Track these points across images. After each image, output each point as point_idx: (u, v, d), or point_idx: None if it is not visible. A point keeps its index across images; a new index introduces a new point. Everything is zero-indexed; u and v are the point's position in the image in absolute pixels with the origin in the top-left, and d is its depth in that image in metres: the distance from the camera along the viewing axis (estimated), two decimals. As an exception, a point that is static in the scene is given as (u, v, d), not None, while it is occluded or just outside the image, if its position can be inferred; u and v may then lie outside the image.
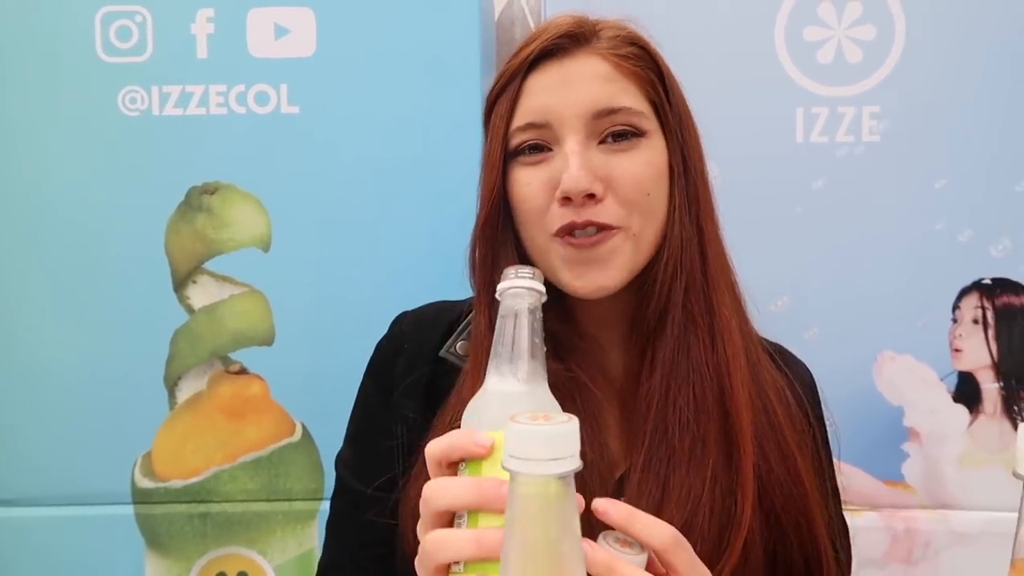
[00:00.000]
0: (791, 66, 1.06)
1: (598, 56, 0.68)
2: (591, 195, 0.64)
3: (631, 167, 0.66)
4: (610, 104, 0.66)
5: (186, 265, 1.09)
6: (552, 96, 0.67)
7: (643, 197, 0.67)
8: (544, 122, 0.67)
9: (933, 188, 1.05)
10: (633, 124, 0.67)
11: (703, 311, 0.68)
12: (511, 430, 0.39)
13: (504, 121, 0.68)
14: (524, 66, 0.68)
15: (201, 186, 1.09)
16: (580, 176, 0.64)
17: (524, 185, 0.68)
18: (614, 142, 0.67)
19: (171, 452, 1.11)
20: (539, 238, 0.68)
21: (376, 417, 0.76)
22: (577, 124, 0.66)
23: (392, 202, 1.09)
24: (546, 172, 0.67)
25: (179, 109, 1.08)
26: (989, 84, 1.04)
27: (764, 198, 1.06)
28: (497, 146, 0.69)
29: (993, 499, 1.06)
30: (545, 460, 0.38)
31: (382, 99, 1.08)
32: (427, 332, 0.76)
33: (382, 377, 0.77)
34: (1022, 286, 1.05)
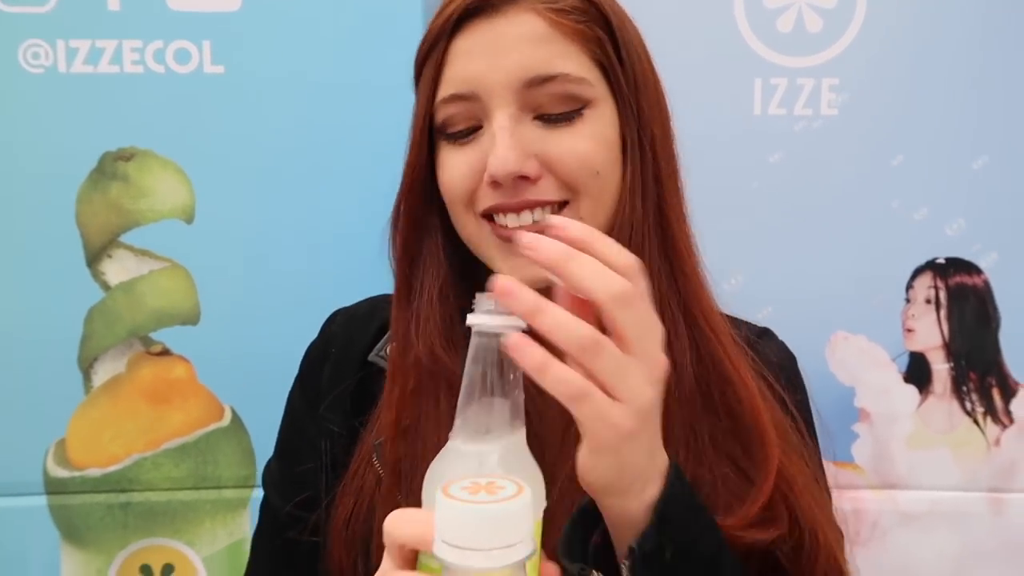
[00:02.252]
0: (750, 34, 1.01)
1: (532, 12, 0.59)
2: (523, 176, 0.57)
3: (573, 143, 0.59)
4: (544, 70, 0.58)
5: (100, 238, 1.00)
6: (478, 62, 0.58)
7: (590, 177, 0.59)
8: (470, 93, 0.59)
9: (890, 165, 1.02)
10: (573, 93, 0.59)
11: (669, 297, 0.61)
12: (444, 507, 0.31)
13: (429, 90, 0.60)
14: (448, 26, 0.59)
15: (115, 152, 1.00)
16: (508, 157, 0.56)
17: (449, 168, 0.61)
18: (552, 116, 0.59)
19: (87, 439, 1.03)
20: (470, 224, 0.61)
21: (302, 430, 0.71)
22: (506, 95, 0.58)
23: (325, 170, 1.01)
24: (474, 153, 0.59)
25: (89, 66, 0.98)
26: (950, 59, 1.01)
27: (720, 172, 1.02)
28: (420, 120, 0.61)
29: (939, 479, 1.05)
30: (488, 550, 0.30)
31: (314, 58, 1.00)
32: (356, 334, 0.70)
33: (309, 385, 0.71)
34: (975, 266, 1.03)
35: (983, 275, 1.03)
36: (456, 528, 0.31)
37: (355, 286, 1.00)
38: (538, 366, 0.42)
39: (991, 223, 1.02)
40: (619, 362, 0.44)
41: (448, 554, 0.31)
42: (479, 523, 0.30)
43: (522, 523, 0.31)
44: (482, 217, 0.61)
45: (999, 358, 1.04)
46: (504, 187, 0.58)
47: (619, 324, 0.44)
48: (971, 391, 1.05)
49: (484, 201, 0.60)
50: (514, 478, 0.34)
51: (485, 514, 0.31)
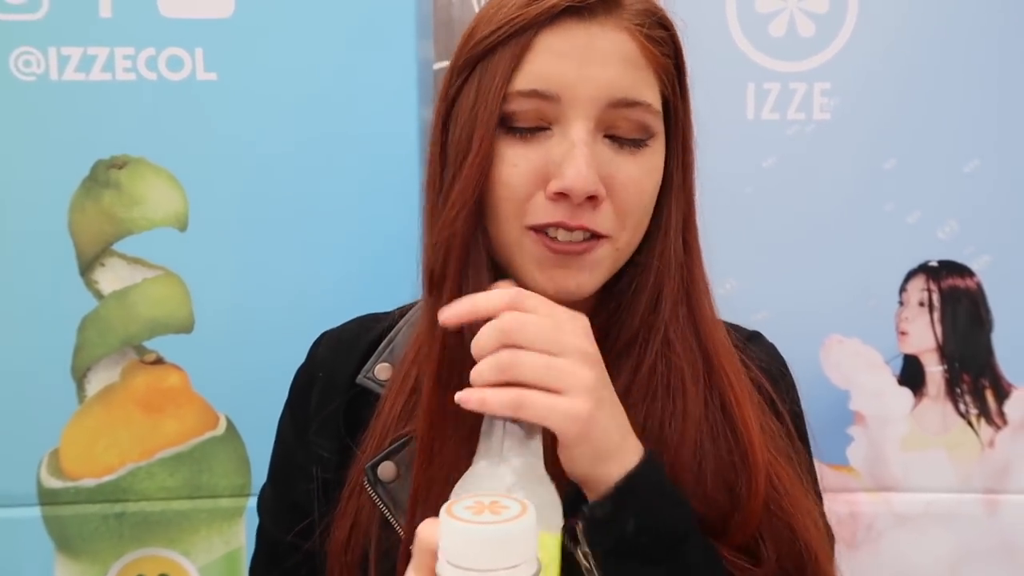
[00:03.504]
0: (742, 39, 1.01)
1: (626, 32, 0.57)
2: (592, 197, 0.56)
3: (636, 173, 0.58)
4: (631, 95, 0.57)
5: (93, 247, 1.00)
6: (569, 66, 0.56)
7: (640, 209, 0.59)
8: (555, 94, 0.56)
9: (883, 168, 1.02)
10: (647, 123, 0.58)
11: (687, 325, 0.62)
12: (448, 527, 0.31)
13: (504, 78, 0.56)
14: (542, 18, 0.56)
15: (108, 160, 0.99)
16: (588, 175, 0.55)
17: (510, 166, 0.57)
18: (626, 138, 0.58)
19: (81, 449, 1.02)
20: (512, 231, 0.58)
21: (292, 457, 0.70)
22: (591, 108, 0.56)
23: (319, 177, 1.01)
24: (538, 155, 0.57)
25: (81, 74, 0.98)
26: (941, 63, 1.01)
27: (713, 177, 1.01)
28: (491, 108, 0.56)
29: (934, 481, 1.06)
30: (493, 571, 0.30)
31: (308, 66, 1.00)
32: (344, 356, 0.69)
33: (298, 410, 0.71)
34: (968, 269, 1.04)
35: (975, 278, 1.04)
36: (460, 549, 0.30)
37: (349, 293, 1.01)
38: (479, 402, 0.48)
39: (983, 226, 1.03)
40: (539, 362, 0.49)
41: (452, 575, 0.31)
42: (483, 544, 0.30)
43: (525, 543, 0.31)
44: (526, 228, 0.58)
45: (992, 360, 1.05)
46: (570, 203, 0.56)
47: (523, 339, 0.49)
48: (965, 393, 1.05)
49: (538, 216, 0.57)
50: (519, 497, 0.33)
51: (489, 535, 0.30)
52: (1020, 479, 1.06)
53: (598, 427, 0.50)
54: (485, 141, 0.57)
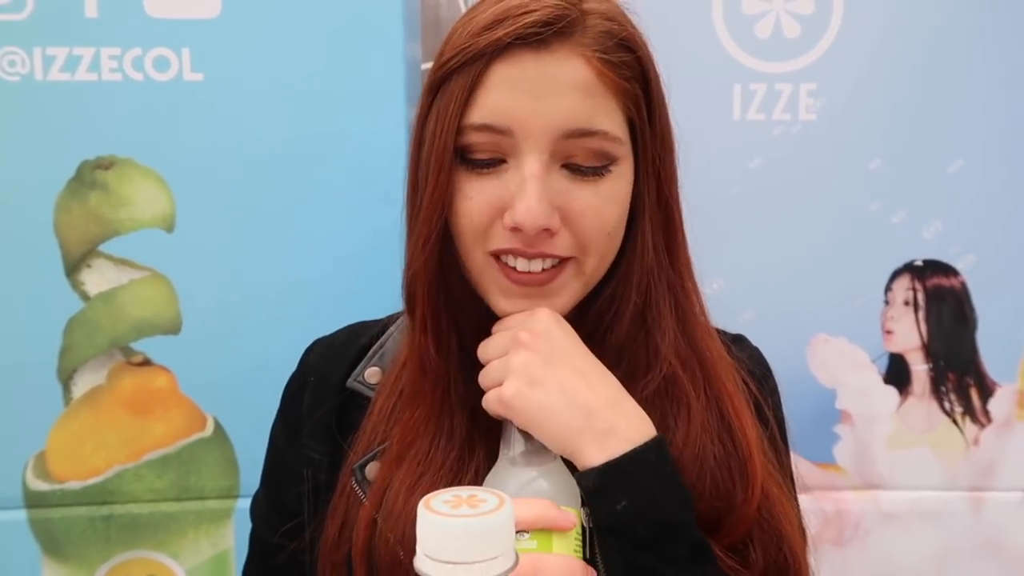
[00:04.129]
0: (728, 40, 1.02)
1: (581, 58, 0.56)
2: (546, 230, 0.56)
3: (594, 201, 0.58)
4: (586, 125, 0.56)
5: (79, 248, 0.99)
6: (521, 98, 0.55)
7: (601, 235, 0.59)
8: (505, 127, 0.56)
9: (868, 169, 1.03)
10: (606, 151, 0.57)
11: (686, 346, 0.63)
12: (425, 520, 0.31)
13: (457, 111, 0.56)
14: (492, 48, 0.55)
15: (94, 160, 0.99)
16: (538, 211, 0.55)
17: (466, 199, 0.58)
18: (583, 167, 0.57)
19: (67, 451, 1.01)
20: (477, 258, 0.60)
21: (284, 460, 0.71)
22: (543, 141, 0.56)
23: (306, 178, 1.01)
24: (495, 188, 0.57)
25: (66, 74, 0.97)
26: (925, 64, 1.02)
27: (700, 177, 1.02)
28: (445, 141, 0.57)
29: (920, 479, 1.07)
30: (470, 563, 0.30)
31: (295, 66, 0.99)
32: (334, 361, 0.70)
33: (289, 415, 0.71)
34: (952, 268, 1.04)
35: (960, 277, 1.05)
36: (438, 542, 0.31)
37: (337, 293, 1.01)
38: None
39: (967, 226, 1.04)
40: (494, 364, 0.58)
41: (430, 568, 0.31)
42: (460, 537, 0.30)
43: (503, 536, 0.31)
44: (489, 255, 0.59)
45: (976, 358, 1.06)
46: (526, 237, 0.57)
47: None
48: (950, 391, 1.06)
49: (498, 242, 0.58)
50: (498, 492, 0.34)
51: (466, 528, 0.30)
52: (1005, 477, 1.07)
53: (531, 405, 0.54)
54: (441, 175, 0.57)
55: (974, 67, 1.02)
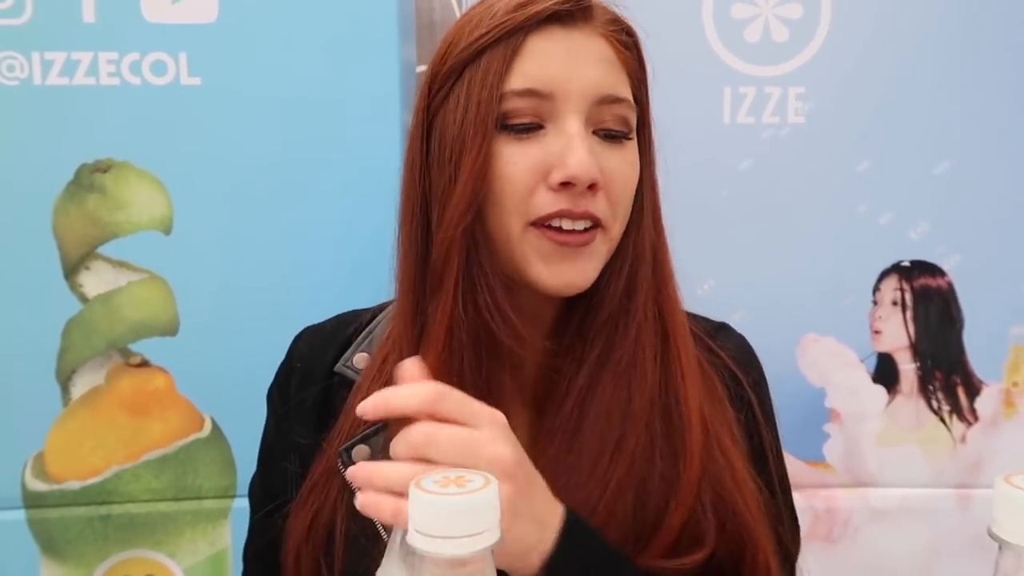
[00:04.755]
0: (719, 44, 1.03)
1: (603, 37, 0.62)
2: (592, 185, 0.59)
3: (621, 166, 0.62)
4: (615, 92, 0.62)
5: (77, 250, 1.01)
6: (560, 66, 0.60)
7: (628, 199, 0.63)
8: (548, 92, 0.59)
9: (855, 171, 1.05)
10: (628, 118, 0.63)
11: (654, 317, 0.65)
12: (416, 499, 0.33)
13: (498, 78, 0.59)
14: (530, 23, 0.60)
15: (92, 164, 1.00)
16: (589, 163, 0.58)
17: (509, 164, 0.59)
18: (609, 136, 0.62)
19: (66, 452, 1.02)
20: (514, 226, 0.60)
21: (273, 447, 0.73)
22: (582, 104, 0.60)
23: (303, 181, 1.02)
24: (536, 151, 0.60)
25: (65, 78, 0.99)
26: (911, 68, 1.04)
27: (691, 179, 1.04)
28: (487, 108, 0.59)
29: (908, 476, 1.08)
30: (458, 537, 0.32)
31: (291, 70, 1.01)
32: (322, 347, 0.72)
33: (278, 402, 0.73)
34: (939, 268, 1.06)
35: (947, 277, 1.06)
36: (428, 519, 0.33)
37: (332, 295, 1.01)
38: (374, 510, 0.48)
39: (954, 226, 1.06)
40: (454, 438, 0.49)
41: (421, 543, 0.33)
42: (448, 513, 0.32)
43: (489, 513, 0.33)
44: (529, 224, 0.60)
45: (963, 358, 1.07)
46: (574, 191, 0.59)
47: (436, 454, 0.48)
48: (937, 390, 1.08)
49: (542, 207, 0.59)
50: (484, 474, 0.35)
51: (454, 505, 0.33)
52: (992, 474, 1.07)
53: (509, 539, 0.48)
54: (485, 140, 0.59)
55: (958, 71, 1.04)
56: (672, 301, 0.67)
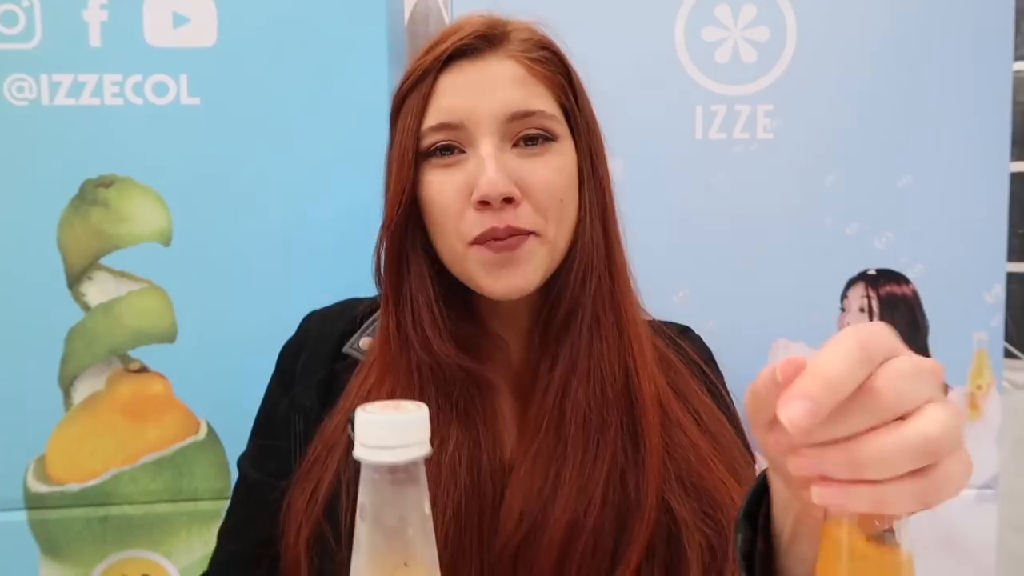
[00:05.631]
0: (691, 65, 1.09)
1: (511, 59, 0.67)
2: (508, 199, 0.64)
3: (544, 172, 0.66)
4: (524, 107, 0.66)
5: (81, 261, 1.05)
6: (466, 97, 0.66)
7: (556, 203, 0.67)
8: (458, 123, 0.65)
9: (823, 184, 1.10)
10: (546, 128, 0.67)
11: (610, 310, 0.69)
12: (360, 419, 0.40)
13: (415, 119, 0.67)
14: (437, 64, 0.66)
15: (96, 179, 1.05)
16: (497, 180, 0.63)
17: (437, 191, 0.66)
18: (527, 146, 0.66)
19: (67, 455, 1.07)
20: (457, 246, 0.67)
21: (276, 409, 0.76)
22: (492, 126, 0.65)
23: (297, 196, 1.08)
24: (460, 176, 0.66)
25: (71, 99, 1.04)
26: (874, 85, 1.09)
27: (665, 193, 1.10)
28: (408, 144, 0.67)
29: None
30: (390, 448, 0.39)
31: (286, 90, 1.07)
32: (330, 328, 0.77)
33: (285, 375, 0.77)
34: (904, 277, 1.11)
35: (911, 285, 1.11)
36: (369, 433, 0.39)
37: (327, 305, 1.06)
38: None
39: (917, 237, 1.11)
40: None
41: (362, 453, 0.39)
42: (385, 428, 0.39)
43: (420, 430, 0.40)
44: (468, 246, 0.66)
45: (929, 362, 1.12)
46: (492, 208, 0.64)
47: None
48: (904, 393, 1.12)
49: (473, 229, 0.65)
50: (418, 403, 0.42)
51: (390, 420, 0.39)
52: (958, 475, 1.12)
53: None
54: (403, 169, 0.67)
55: (919, 88, 1.09)
56: (625, 297, 0.72)
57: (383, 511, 0.40)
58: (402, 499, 0.40)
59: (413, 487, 0.40)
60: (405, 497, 0.40)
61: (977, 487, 1.12)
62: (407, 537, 0.40)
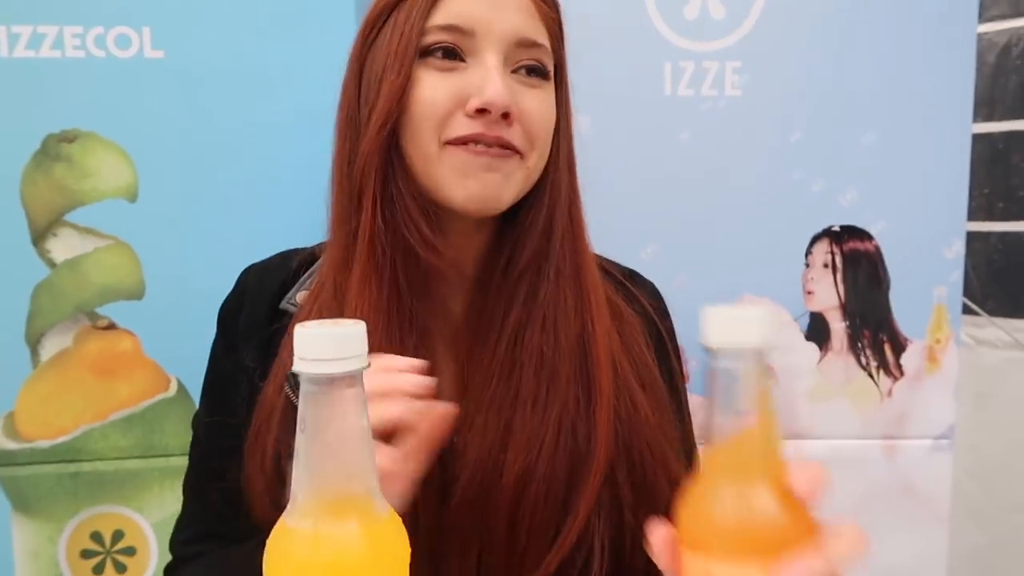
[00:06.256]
0: (660, 21, 1.09)
1: None
2: (506, 114, 0.63)
3: (537, 104, 0.67)
4: (534, 36, 0.66)
5: (45, 217, 1.04)
6: (482, 6, 0.64)
7: (544, 133, 0.68)
8: (469, 29, 0.64)
9: (789, 141, 1.11)
10: (544, 63, 0.68)
11: (570, 260, 0.69)
12: (299, 334, 0.40)
13: (421, 14, 0.64)
14: None
15: (59, 134, 1.04)
16: (504, 92, 0.63)
17: (429, 88, 0.64)
18: (527, 75, 0.67)
19: (36, 411, 1.06)
20: (431, 146, 0.65)
21: (223, 371, 0.76)
22: (501, 44, 0.65)
23: (264, 150, 1.07)
24: (457, 81, 0.64)
25: (31, 51, 1.02)
26: (840, 44, 1.10)
27: (634, 149, 1.10)
28: (409, 40, 0.64)
29: (839, 428, 1.15)
30: (328, 360, 0.39)
31: (250, 43, 1.05)
32: (268, 283, 0.75)
33: (228, 333, 0.76)
34: (867, 233, 1.13)
35: (874, 241, 1.13)
36: (306, 346, 0.40)
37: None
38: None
39: (880, 193, 1.12)
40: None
41: (300, 366, 0.40)
42: (322, 340, 0.39)
43: (358, 343, 0.40)
44: (445, 143, 0.65)
45: (890, 317, 1.14)
46: (489, 118, 0.63)
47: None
48: (865, 347, 1.15)
49: (459, 129, 0.64)
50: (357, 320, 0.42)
51: (330, 334, 0.40)
52: (916, 426, 1.16)
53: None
54: (405, 65, 0.64)
55: (885, 48, 1.10)
56: (584, 249, 0.72)
57: (321, 423, 0.40)
58: (341, 412, 0.40)
59: (352, 400, 0.40)
60: (344, 410, 0.40)
61: (933, 437, 1.16)
62: (344, 446, 0.40)
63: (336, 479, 0.40)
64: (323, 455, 0.40)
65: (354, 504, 0.41)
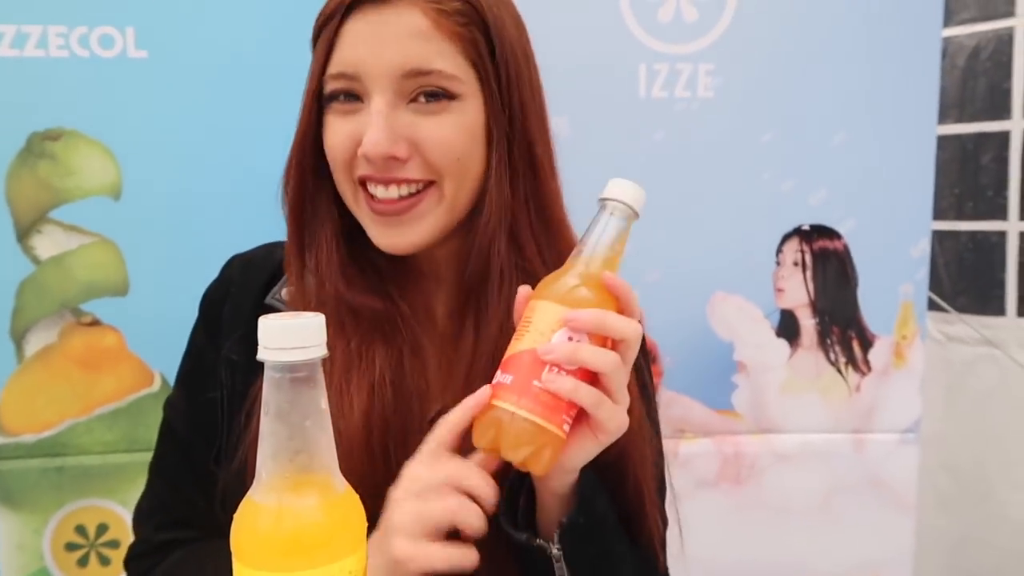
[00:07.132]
0: (634, 24, 1.12)
1: (418, 9, 0.65)
2: (393, 157, 0.65)
3: (438, 131, 0.66)
4: (421, 66, 0.65)
5: (30, 214, 1.06)
6: (364, 49, 0.65)
7: (451, 161, 0.67)
8: (354, 74, 0.65)
9: (760, 141, 1.14)
10: (443, 87, 0.65)
11: (540, 266, 0.69)
12: (263, 325, 0.43)
13: (320, 65, 0.67)
14: (341, 9, 0.65)
15: (43, 132, 1.05)
16: (380, 139, 0.64)
17: (332, 134, 0.68)
18: (425, 102, 0.66)
19: (21, 406, 1.08)
20: (345, 185, 0.68)
21: (203, 360, 0.76)
22: (385, 82, 0.65)
23: (246, 147, 1.08)
24: (353, 124, 0.66)
25: (15, 50, 1.03)
26: (811, 47, 1.13)
27: (609, 149, 1.13)
28: (312, 88, 0.68)
29: (808, 422, 1.18)
30: (288, 348, 0.43)
31: (232, 43, 1.07)
32: (253, 277, 0.76)
33: (211, 323, 0.77)
34: (836, 232, 1.16)
35: (843, 240, 1.16)
36: (270, 336, 0.43)
37: (277, 258, 1.08)
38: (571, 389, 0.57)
39: (849, 193, 1.15)
40: (623, 380, 0.59)
41: (264, 354, 0.43)
42: (284, 331, 0.43)
43: (316, 335, 0.44)
44: (356, 182, 0.68)
45: (858, 314, 1.17)
46: (376, 164, 0.65)
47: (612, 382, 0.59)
48: (834, 343, 1.18)
49: (359, 169, 0.67)
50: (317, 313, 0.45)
51: (290, 325, 0.43)
52: (883, 420, 1.19)
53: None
54: (306, 115, 0.69)
55: (854, 50, 1.13)
56: (566, 249, 0.69)
57: (283, 406, 0.43)
58: (300, 396, 0.44)
59: (310, 385, 0.44)
60: (303, 394, 0.44)
61: (900, 431, 1.19)
62: (304, 428, 0.44)
63: (297, 458, 0.44)
64: (285, 436, 0.44)
65: (314, 480, 0.44)
